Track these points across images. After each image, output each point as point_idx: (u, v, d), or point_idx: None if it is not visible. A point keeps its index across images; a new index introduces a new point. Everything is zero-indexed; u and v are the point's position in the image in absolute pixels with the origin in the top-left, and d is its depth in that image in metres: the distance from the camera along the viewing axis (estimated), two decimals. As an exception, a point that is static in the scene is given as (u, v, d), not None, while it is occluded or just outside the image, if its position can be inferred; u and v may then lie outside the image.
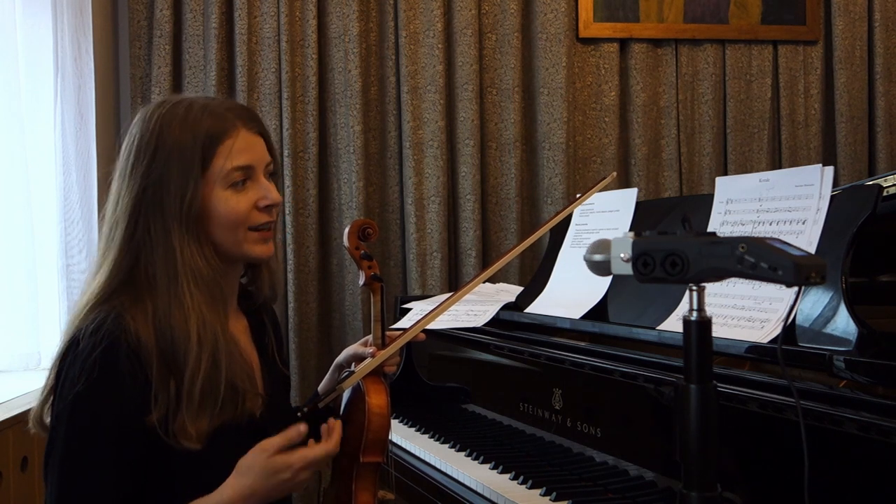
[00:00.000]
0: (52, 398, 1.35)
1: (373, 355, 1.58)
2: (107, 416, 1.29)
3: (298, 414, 1.60)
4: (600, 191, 1.77)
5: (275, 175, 1.48)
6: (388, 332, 1.67)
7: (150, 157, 1.35)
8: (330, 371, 1.73)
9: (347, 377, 1.58)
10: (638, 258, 1.01)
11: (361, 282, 1.68)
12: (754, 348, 1.46)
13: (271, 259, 1.51)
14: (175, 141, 1.35)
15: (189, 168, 1.34)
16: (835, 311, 1.44)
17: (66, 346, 1.34)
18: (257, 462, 1.32)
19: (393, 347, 1.58)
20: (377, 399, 1.53)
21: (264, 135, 1.45)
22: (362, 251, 1.67)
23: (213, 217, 1.37)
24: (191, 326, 1.32)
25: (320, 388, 1.73)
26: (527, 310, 2.18)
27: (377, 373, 1.57)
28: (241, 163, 1.38)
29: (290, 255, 3.25)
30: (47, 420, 1.36)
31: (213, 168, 1.36)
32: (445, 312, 2.25)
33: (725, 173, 3.62)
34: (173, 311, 1.32)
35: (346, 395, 1.60)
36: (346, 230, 1.67)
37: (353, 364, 1.66)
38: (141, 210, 1.35)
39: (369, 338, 1.66)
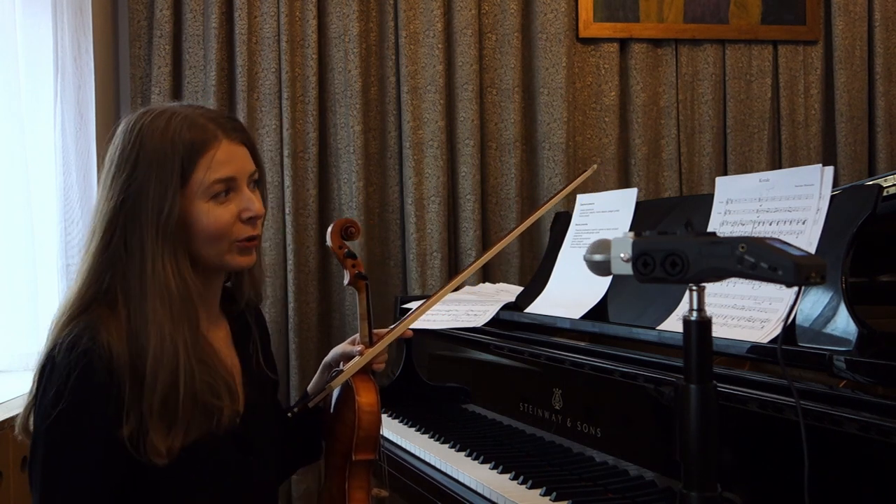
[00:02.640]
0: (32, 409, 1.33)
1: (361, 353, 1.59)
2: (82, 439, 1.28)
3: (289, 414, 1.61)
4: (581, 183, 1.84)
5: (260, 183, 1.45)
6: (375, 330, 1.67)
7: (131, 169, 1.34)
8: (319, 371, 1.73)
9: (336, 376, 1.59)
10: (638, 258, 1.01)
11: (346, 281, 1.68)
12: (754, 348, 1.46)
13: (254, 265, 1.48)
14: (155, 153, 1.33)
15: (168, 180, 1.32)
16: (835, 311, 1.44)
17: (44, 360, 1.32)
18: None
19: (381, 345, 1.59)
20: (367, 397, 1.53)
21: (248, 144, 1.42)
22: (346, 250, 1.67)
23: (195, 230, 1.35)
24: (150, 343, 1.30)
25: (310, 388, 1.72)
26: (527, 310, 2.18)
27: (366, 371, 1.57)
28: (223, 175, 1.36)
29: (290, 255, 3.24)
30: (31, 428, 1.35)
31: (194, 181, 1.34)
32: (445, 312, 2.28)
33: (725, 173, 3.62)
34: (139, 326, 1.31)
35: (335, 394, 1.60)
36: (329, 230, 1.67)
37: (342, 363, 1.66)
38: (118, 221, 1.33)
39: (357, 336, 1.66)
